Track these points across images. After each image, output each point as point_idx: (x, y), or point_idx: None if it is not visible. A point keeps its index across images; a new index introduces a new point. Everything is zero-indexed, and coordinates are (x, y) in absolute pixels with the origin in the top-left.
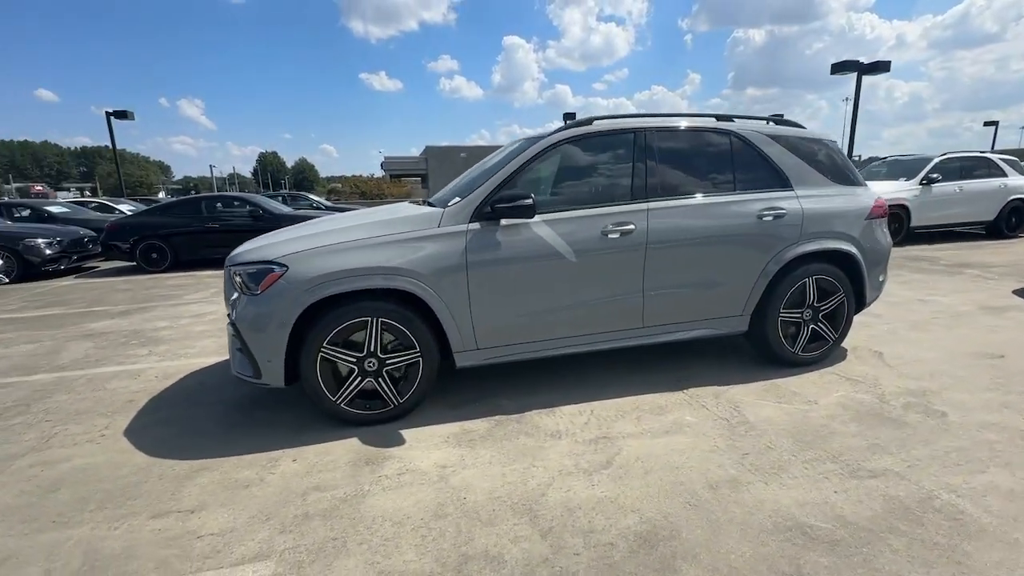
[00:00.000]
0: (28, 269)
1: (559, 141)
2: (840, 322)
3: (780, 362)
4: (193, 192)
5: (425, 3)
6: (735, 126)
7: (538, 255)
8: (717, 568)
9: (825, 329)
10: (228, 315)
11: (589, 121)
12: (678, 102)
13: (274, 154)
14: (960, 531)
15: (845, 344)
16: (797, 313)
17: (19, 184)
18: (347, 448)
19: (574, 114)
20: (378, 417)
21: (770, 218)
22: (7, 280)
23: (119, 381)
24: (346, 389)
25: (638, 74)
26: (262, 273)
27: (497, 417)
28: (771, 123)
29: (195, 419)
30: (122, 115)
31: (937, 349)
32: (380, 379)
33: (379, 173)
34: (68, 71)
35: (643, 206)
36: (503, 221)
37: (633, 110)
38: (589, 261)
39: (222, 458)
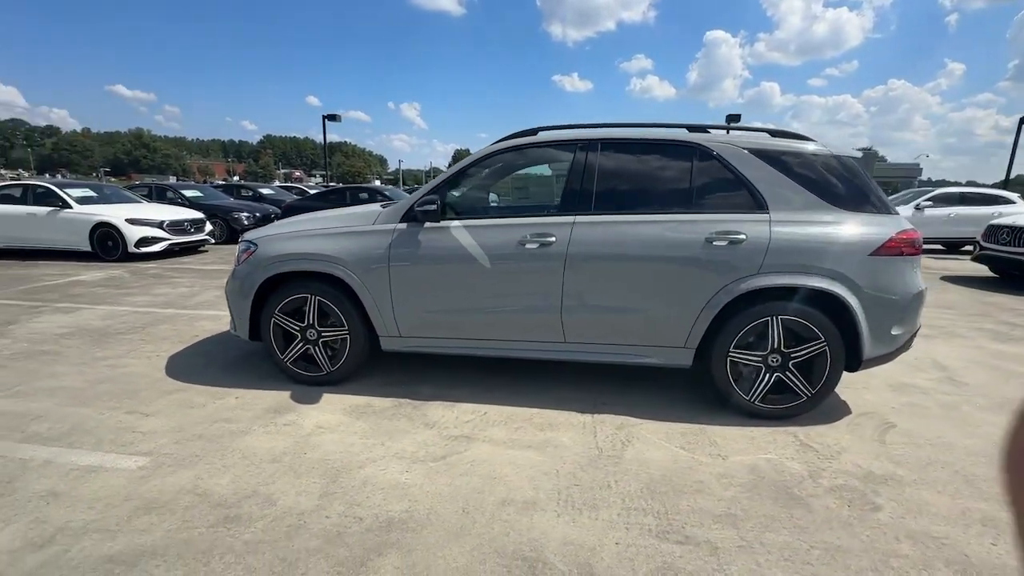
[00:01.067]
0: (232, 235)
1: (500, 150)
2: (820, 376)
3: (735, 409)
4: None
5: (625, 2)
6: (703, 138)
7: (453, 258)
8: (415, 565)
9: (796, 381)
10: None
11: (534, 131)
12: (925, 98)
13: (467, 150)
14: None
15: (855, 406)
16: (756, 356)
17: (285, 170)
18: (276, 398)
19: (738, 116)
20: (312, 379)
21: (723, 243)
22: (214, 241)
23: (204, 322)
24: (291, 350)
25: (872, 66)
26: (245, 249)
27: (404, 400)
28: (764, 135)
29: (219, 356)
30: (332, 118)
31: (988, 438)
32: (317, 348)
33: None
34: (329, 82)
35: (569, 219)
36: (426, 224)
37: (859, 109)
38: (504, 269)
39: (200, 385)
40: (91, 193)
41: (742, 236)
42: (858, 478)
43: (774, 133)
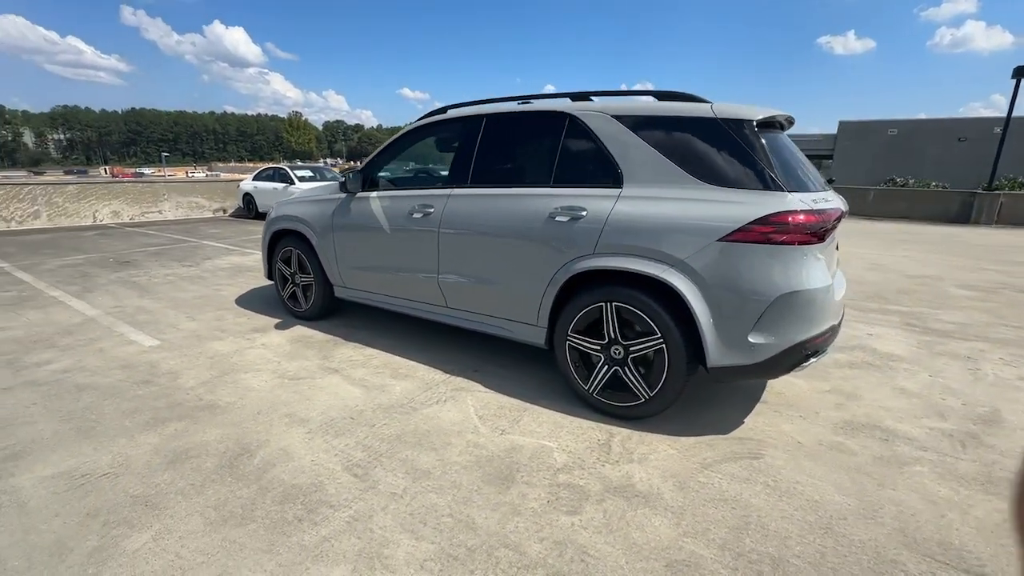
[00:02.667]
0: None
1: (413, 129)
2: (659, 378)
3: (580, 399)
4: None
5: None
6: (573, 107)
7: (368, 224)
8: (184, 431)
9: (634, 380)
10: None
11: (444, 110)
12: None
13: None
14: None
15: (749, 430)
16: (595, 345)
17: None
18: (267, 323)
19: None
20: (296, 313)
21: (565, 219)
22: None
23: None
24: (285, 290)
25: None
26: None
27: (336, 338)
28: (651, 99)
29: (274, 292)
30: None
31: (874, 504)
32: (298, 289)
33: None
34: (566, 68)
35: (446, 192)
36: (357, 194)
37: None
38: (398, 236)
39: (240, 308)
40: (311, 174)
41: (583, 212)
42: (608, 487)
43: (661, 96)
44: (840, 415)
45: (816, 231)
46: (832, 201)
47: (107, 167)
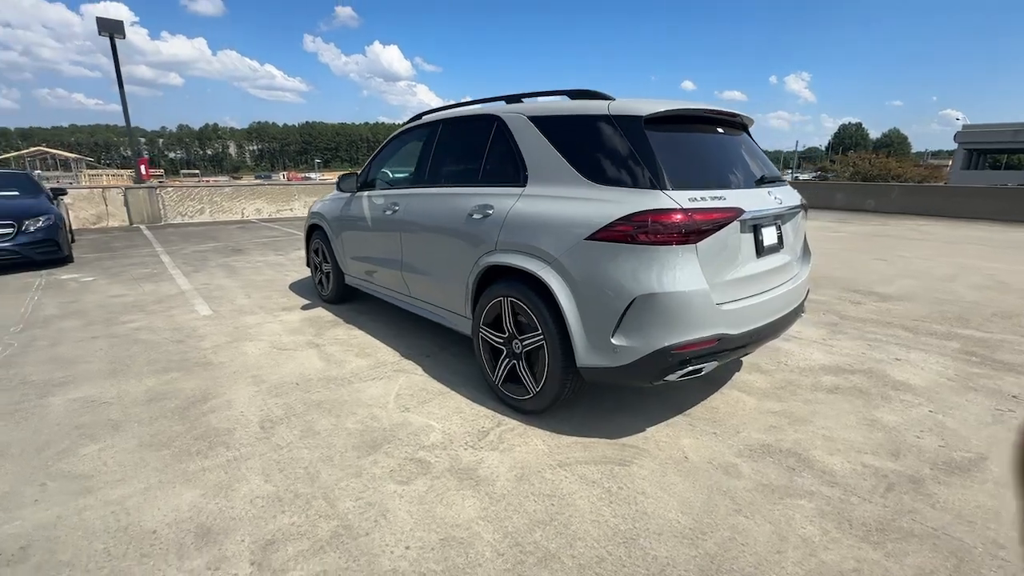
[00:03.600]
0: None
1: (399, 133)
2: (542, 373)
3: (490, 389)
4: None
5: None
6: (503, 110)
7: (359, 220)
8: (175, 379)
9: (526, 373)
10: None
11: (420, 116)
12: None
13: (857, 125)
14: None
15: (640, 440)
16: (498, 337)
17: None
18: (298, 303)
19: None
20: (322, 297)
21: (479, 217)
22: None
23: None
24: (315, 277)
25: None
26: None
27: (338, 319)
28: (564, 98)
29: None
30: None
31: (703, 535)
32: (323, 277)
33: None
34: (706, 64)
35: (407, 191)
36: (357, 193)
37: None
38: (377, 230)
39: (287, 290)
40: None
41: (491, 211)
42: (453, 467)
43: (573, 95)
44: (762, 437)
45: (691, 231)
46: (728, 200)
47: (285, 172)
